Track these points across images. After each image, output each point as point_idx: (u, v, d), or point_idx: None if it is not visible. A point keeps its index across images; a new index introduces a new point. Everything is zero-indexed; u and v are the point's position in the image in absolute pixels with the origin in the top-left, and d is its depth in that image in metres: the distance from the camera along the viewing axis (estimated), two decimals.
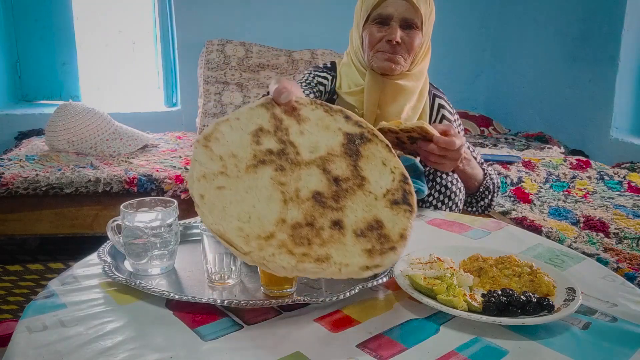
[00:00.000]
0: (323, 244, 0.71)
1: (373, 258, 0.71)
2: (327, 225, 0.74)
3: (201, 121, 2.95)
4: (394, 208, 0.79)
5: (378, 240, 0.74)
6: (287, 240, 0.71)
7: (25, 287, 2.09)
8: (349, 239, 0.73)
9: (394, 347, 0.70)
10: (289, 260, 0.68)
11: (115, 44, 3.38)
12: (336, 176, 0.81)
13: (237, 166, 0.77)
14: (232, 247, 0.68)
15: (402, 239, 0.75)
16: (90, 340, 0.70)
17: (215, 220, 0.69)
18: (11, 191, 2.07)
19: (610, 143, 2.75)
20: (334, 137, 0.86)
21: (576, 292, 0.80)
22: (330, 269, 0.69)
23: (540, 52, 3.23)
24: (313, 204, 0.76)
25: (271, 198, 0.75)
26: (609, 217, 1.80)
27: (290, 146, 0.83)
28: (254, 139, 0.81)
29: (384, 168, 0.84)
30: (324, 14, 3.33)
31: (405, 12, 1.22)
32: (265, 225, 0.72)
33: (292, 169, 0.80)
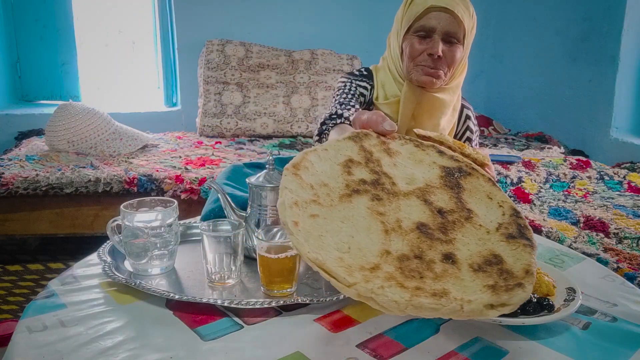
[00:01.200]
0: (437, 278, 0.64)
1: (499, 295, 0.61)
2: (437, 258, 0.66)
3: (201, 121, 2.95)
4: (511, 242, 0.70)
5: (500, 275, 0.65)
6: (396, 272, 0.63)
7: (25, 287, 2.09)
8: (465, 273, 0.65)
9: (394, 347, 0.70)
10: (402, 294, 0.60)
11: (115, 44, 3.38)
12: (440, 208, 0.74)
13: (330, 195, 0.71)
14: (333, 278, 0.61)
15: (529, 275, 0.65)
16: (90, 340, 0.70)
17: (312, 248, 0.62)
18: (11, 191, 2.07)
19: (610, 143, 2.75)
20: (429, 170, 0.81)
21: (576, 292, 0.80)
22: (450, 305, 0.60)
23: (540, 52, 3.23)
24: (419, 236, 0.69)
25: (370, 228, 0.69)
26: (609, 217, 1.80)
27: (384, 177, 0.77)
28: (345, 170, 0.75)
29: (490, 202, 0.78)
30: (324, 14, 3.33)
31: (448, 26, 1.19)
32: (368, 257, 0.65)
33: (390, 200, 0.74)
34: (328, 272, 0.61)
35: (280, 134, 2.98)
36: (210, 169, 2.31)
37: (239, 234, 0.86)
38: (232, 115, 2.95)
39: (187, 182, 2.16)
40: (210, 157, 2.51)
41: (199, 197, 2.14)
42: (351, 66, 3.14)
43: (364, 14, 3.36)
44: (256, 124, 2.96)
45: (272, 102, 3.00)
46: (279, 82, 3.05)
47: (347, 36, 3.34)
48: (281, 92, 3.04)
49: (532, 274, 0.65)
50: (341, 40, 3.32)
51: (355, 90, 1.32)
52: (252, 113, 2.97)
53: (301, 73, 3.08)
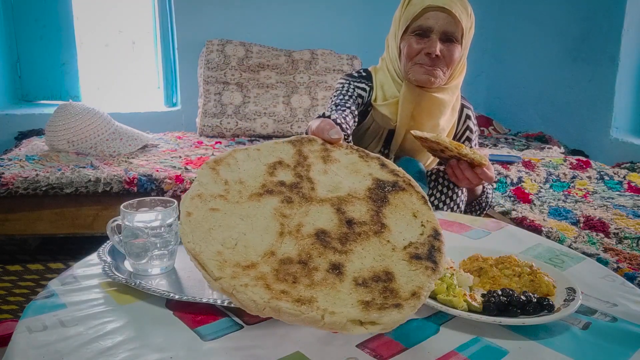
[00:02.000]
0: (311, 286, 0.62)
1: (369, 312, 0.59)
2: (323, 267, 0.65)
3: (201, 121, 2.95)
4: (413, 263, 0.67)
5: (382, 293, 0.62)
6: (269, 274, 0.62)
7: (25, 287, 2.09)
8: (345, 286, 0.63)
9: (394, 347, 0.70)
10: (263, 295, 0.59)
11: (115, 44, 3.38)
12: (351, 218, 0.73)
13: (241, 192, 0.72)
14: (203, 270, 0.62)
15: (414, 297, 0.62)
16: (90, 340, 0.70)
17: (194, 239, 0.64)
18: (11, 191, 2.07)
19: (610, 143, 2.75)
20: (361, 180, 0.79)
21: (576, 292, 0.80)
22: (310, 313, 0.58)
23: (540, 52, 3.23)
24: (313, 242, 0.68)
25: (267, 229, 0.68)
26: (609, 217, 1.80)
27: (306, 181, 0.76)
28: (269, 171, 0.75)
29: (413, 219, 0.75)
30: (324, 14, 3.33)
31: (446, 25, 1.19)
32: (250, 255, 0.64)
33: (301, 203, 0.73)
34: (201, 264, 0.62)
35: (280, 134, 2.98)
36: None
37: None
38: (232, 115, 2.95)
39: (187, 182, 2.16)
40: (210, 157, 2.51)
41: None
42: (351, 66, 3.14)
43: (364, 14, 3.36)
44: (256, 124, 2.96)
45: (272, 102, 3.00)
46: (279, 82, 3.05)
47: (347, 36, 3.34)
48: (281, 92, 3.04)
49: (419, 297, 0.62)
50: (341, 40, 3.32)
51: (353, 91, 1.32)
52: (252, 113, 2.97)
53: (301, 73, 3.08)
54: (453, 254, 0.92)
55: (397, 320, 0.59)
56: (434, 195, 1.30)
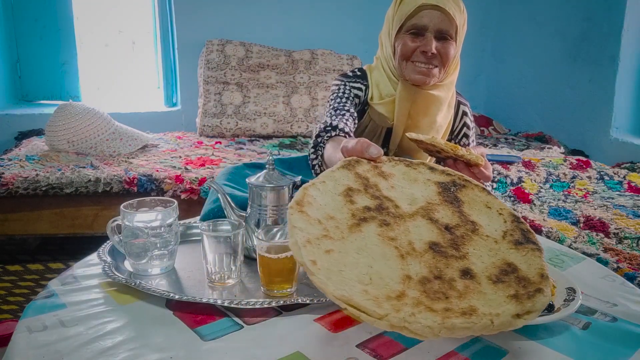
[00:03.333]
0: (461, 296, 0.64)
1: (523, 303, 0.63)
2: (456, 275, 0.67)
3: (201, 121, 2.95)
4: (520, 249, 0.72)
5: (519, 284, 0.66)
6: (422, 297, 0.63)
7: (25, 287, 2.09)
8: (486, 287, 0.66)
9: (394, 347, 0.70)
10: (433, 319, 0.60)
11: (115, 44, 3.38)
12: (446, 224, 0.75)
13: (339, 227, 0.71)
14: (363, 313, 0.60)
15: (544, 278, 0.66)
16: (90, 340, 0.70)
17: (336, 286, 0.61)
18: (11, 191, 2.07)
19: (610, 143, 2.75)
20: (426, 187, 0.81)
21: (576, 292, 0.80)
22: (481, 321, 0.60)
23: (540, 52, 3.23)
24: (433, 256, 0.69)
25: (386, 255, 0.68)
26: (609, 217, 1.80)
27: (386, 200, 0.77)
28: (347, 199, 0.75)
29: (489, 211, 0.79)
30: (324, 14, 3.33)
31: (440, 23, 1.19)
32: (391, 285, 0.64)
33: (398, 223, 0.74)
34: (357, 308, 0.60)
35: (280, 134, 2.98)
36: (210, 169, 2.31)
37: (239, 234, 0.86)
38: (232, 115, 2.95)
39: (187, 182, 2.16)
40: (210, 157, 2.51)
41: (199, 197, 2.14)
42: (351, 66, 3.14)
43: (363, 14, 3.36)
44: (256, 124, 2.96)
45: (272, 102, 3.00)
46: (279, 82, 3.05)
47: (347, 36, 3.34)
48: (281, 92, 3.04)
49: (547, 277, 0.67)
50: (341, 40, 3.32)
51: (350, 92, 1.32)
52: (252, 113, 2.97)
53: (301, 73, 3.08)
54: None
55: (545, 303, 0.64)
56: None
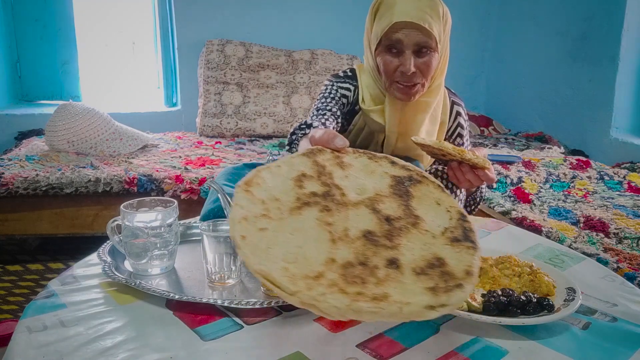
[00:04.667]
0: (379, 283, 0.66)
1: (438, 296, 0.64)
2: (382, 264, 0.68)
3: (201, 121, 2.95)
4: (455, 245, 0.73)
5: (441, 277, 0.67)
6: (338, 279, 0.65)
7: (25, 287, 2.09)
8: (408, 277, 0.68)
9: (394, 347, 0.70)
10: (342, 300, 0.62)
11: (115, 44, 3.38)
12: (387, 215, 0.77)
13: (280, 209, 0.74)
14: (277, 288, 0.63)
15: (469, 275, 0.67)
16: (90, 340, 0.70)
17: (258, 260, 0.65)
18: (11, 191, 2.07)
19: (610, 143, 2.75)
20: (381, 180, 0.83)
21: (576, 292, 0.80)
22: (389, 307, 0.62)
23: (540, 52, 3.23)
24: (364, 243, 0.72)
25: (318, 238, 0.71)
26: (609, 217, 1.80)
27: (335, 188, 0.79)
28: (297, 184, 0.78)
29: (438, 207, 0.80)
30: (324, 14, 3.33)
31: (417, 39, 1.16)
32: (313, 265, 0.67)
33: (339, 210, 0.76)
34: (273, 282, 0.63)
35: (280, 134, 2.98)
36: (210, 169, 2.31)
37: None
38: (232, 115, 2.95)
39: (187, 182, 2.16)
40: (210, 157, 2.51)
41: (199, 197, 2.14)
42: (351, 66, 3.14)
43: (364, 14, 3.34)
44: (256, 124, 2.96)
45: (272, 102, 3.00)
46: (279, 82, 3.05)
47: (347, 36, 3.34)
48: (281, 92, 3.04)
49: (473, 275, 0.68)
50: (341, 40, 3.32)
51: (336, 92, 1.33)
52: (252, 113, 2.97)
53: (301, 73, 3.08)
54: None
55: (462, 298, 0.65)
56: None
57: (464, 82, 3.70)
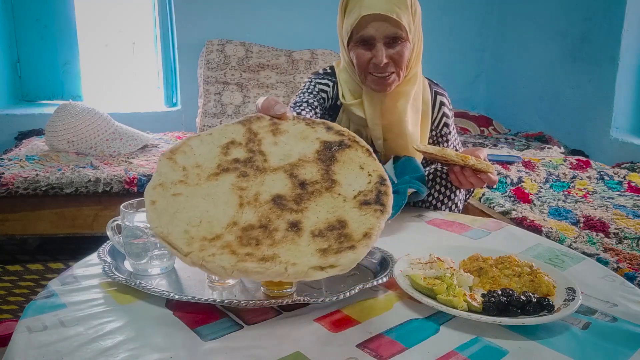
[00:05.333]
0: (273, 245, 0.69)
1: (326, 257, 0.66)
2: (282, 227, 0.71)
3: (201, 121, 2.95)
4: (363, 209, 0.74)
5: (337, 239, 0.69)
6: (234, 241, 0.69)
7: (25, 287, 2.09)
8: (304, 239, 0.70)
9: (394, 347, 0.70)
10: (230, 260, 0.66)
11: (115, 44, 3.38)
12: (303, 180, 0.79)
13: (200, 175, 0.78)
14: (173, 248, 0.68)
15: (366, 237, 0.69)
16: (90, 340, 0.70)
17: (161, 224, 0.70)
18: (11, 191, 2.07)
19: (610, 143, 2.75)
20: (310, 145, 0.85)
21: (576, 292, 0.80)
22: (274, 268, 0.65)
23: (540, 52, 3.23)
24: (271, 207, 0.74)
25: (228, 203, 0.75)
26: (609, 217, 1.80)
27: (259, 155, 0.82)
28: (223, 151, 0.81)
29: (360, 171, 0.81)
30: (324, 14, 3.33)
31: (386, 30, 1.17)
32: (215, 229, 0.71)
33: (256, 175, 0.79)
34: (170, 244, 0.68)
35: None
36: None
37: None
38: (232, 115, 2.95)
39: None
40: None
41: None
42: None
43: None
44: None
45: None
46: (279, 82, 3.05)
47: None
48: (281, 92, 3.04)
49: (370, 237, 0.69)
50: None
51: (314, 88, 1.37)
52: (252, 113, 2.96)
53: (301, 73, 3.08)
54: (453, 254, 0.92)
55: (353, 260, 0.66)
56: (432, 195, 1.30)
57: (464, 82, 3.70)
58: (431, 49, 1.32)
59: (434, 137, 1.42)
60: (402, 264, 0.87)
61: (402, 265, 0.87)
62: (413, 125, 1.32)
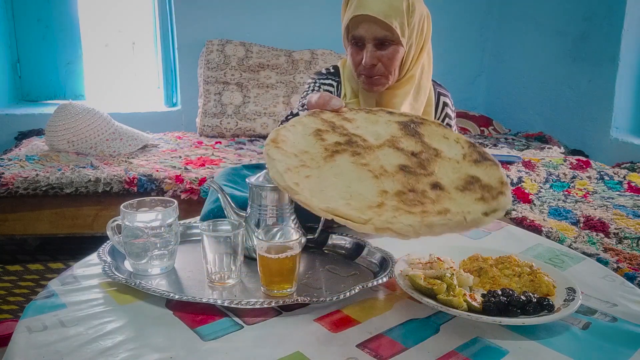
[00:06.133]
0: (435, 202, 0.72)
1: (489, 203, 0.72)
2: (428, 188, 0.75)
3: (201, 121, 2.95)
4: (479, 165, 0.81)
5: (483, 190, 0.75)
6: (400, 204, 0.71)
7: (25, 287, 2.09)
8: (455, 194, 0.75)
9: (394, 347, 0.70)
10: (413, 218, 0.68)
11: (115, 44, 3.38)
12: (411, 151, 0.83)
13: (314, 159, 0.79)
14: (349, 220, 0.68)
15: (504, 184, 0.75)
16: (90, 340, 0.70)
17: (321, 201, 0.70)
18: (11, 191, 2.07)
19: (610, 143, 2.75)
20: (388, 126, 0.89)
21: (576, 292, 0.80)
22: (455, 218, 0.69)
23: (540, 52, 3.23)
24: (404, 175, 0.78)
25: (361, 177, 0.77)
26: (609, 217, 1.80)
27: (355, 136, 0.85)
28: (318, 138, 0.83)
29: (447, 141, 0.87)
30: (324, 14, 3.33)
31: (376, 32, 1.16)
32: (370, 198, 0.72)
33: (368, 152, 0.82)
34: (342, 216, 0.68)
35: None
36: (210, 169, 2.31)
37: (239, 234, 0.86)
38: (232, 115, 2.95)
39: (187, 182, 2.16)
40: (210, 157, 2.51)
41: (199, 197, 2.14)
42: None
43: None
44: (256, 124, 2.96)
45: (272, 102, 3.00)
46: (279, 82, 3.05)
47: None
48: (281, 92, 3.04)
49: (506, 183, 0.76)
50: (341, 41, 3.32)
51: (319, 89, 1.36)
52: (252, 113, 2.97)
53: (301, 73, 3.08)
54: (453, 254, 0.92)
55: (508, 202, 0.73)
56: None
57: (464, 82, 3.70)
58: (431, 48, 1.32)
59: None
60: (402, 264, 0.87)
61: (402, 265, 0.87)
62: None
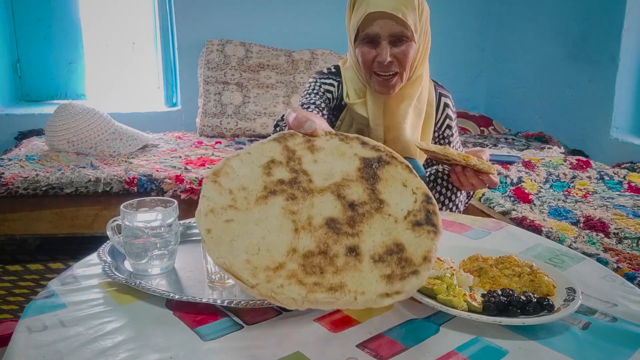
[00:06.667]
0: (337, 272, 0.67)
1: (393, 284, 0.66)
2: (342, 252, 0.70)
3: (201, 121, 2.95)
4: (416, 230, 0.73)
5: (398, 264, 0.69)
6: (298, 270, 0.67)
7: (25, 287, 2.09)
8: (365, 265, 0.69)
9: (394, 347, 0.70)
10: (299, 291, 0.64)
11: (115, 44, 3.38)
12: (352, 201, 0.77)
13: (247, 199, 0.75)
14: (239, 280, 0.65)
15: (426, 261, 0.69)
16: (90, 340, 0.70)
17: (221, 254, 0.67)
18: (11, 191, 2.07)
19: (610, 143, 2.75)
20: (349, 163, 0.83)
21: (576, 292, 0.80)
22: (344, 297, 0.64)
23: (540, 52, 3.23)
24: (327, 231, 0.72)
25: (282, 228, 0.72)
26: (609, 217, 1.80)
27: (302, 174, 0.80)
28: (265, 171, 0.79)
29: (404, 189, 0.80)
30: (324, 14, 3.33)
31: (392, 29, 1.17)
32: (275, 256, 0.69)
33: (305, 197, 0.77)
34: (235, 275, 0.65)
35: None
36: (210, 169, 2.31)
37: None
38: (232, 115, 2.95)
39: (187, 182, 2.16)
40: (210, 157, 2.51)
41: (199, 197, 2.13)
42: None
43: None
44: (256, 124, 2.96)
45: (272, 102, 3.00)
46: (279, 82, 3.05)
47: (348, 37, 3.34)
48: (281, 92, 3.04)
49: (430, 260, 0.69)
50: (341, 40, 3.30)
51: (320, 88, 1.35)
52: (252, 113, 2.97)
53: (301, 73, 3.08)
54: (453, 254, 0.92)
55: (417, 285, 0.66)
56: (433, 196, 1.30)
57: (464, 82, 3.70)
58: (431, 48, 1.32)
59: (436, 139, 1.42)
60: None
61: None
62: (413, 128, 1.32)
